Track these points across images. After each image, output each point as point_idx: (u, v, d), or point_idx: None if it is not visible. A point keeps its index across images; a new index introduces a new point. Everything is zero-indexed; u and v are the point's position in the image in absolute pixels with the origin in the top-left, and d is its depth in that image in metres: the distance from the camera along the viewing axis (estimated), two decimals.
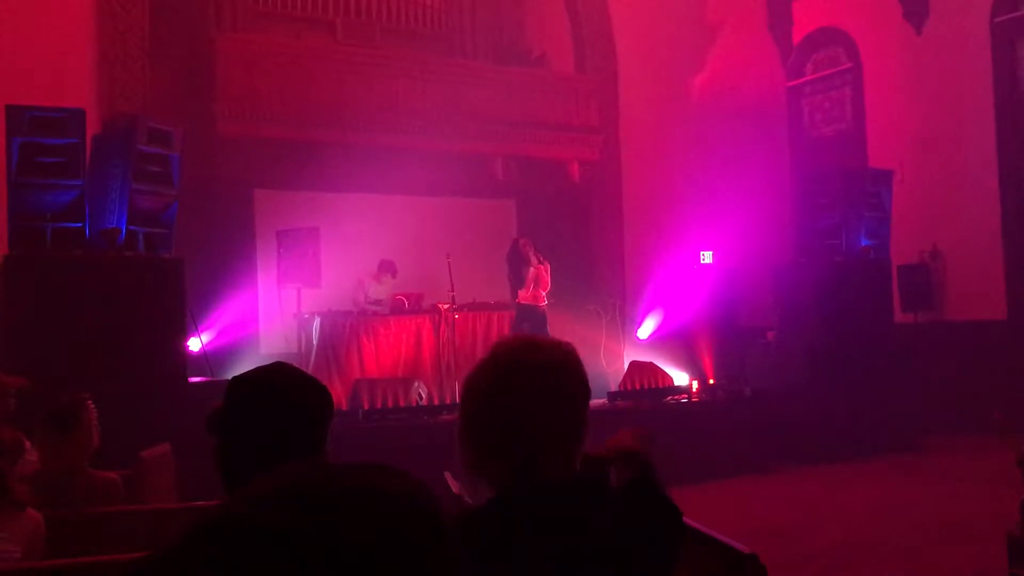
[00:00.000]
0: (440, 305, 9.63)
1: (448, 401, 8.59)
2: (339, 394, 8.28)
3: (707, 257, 10.77)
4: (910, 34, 11.10)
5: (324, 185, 10.46)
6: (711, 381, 9.66)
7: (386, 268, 9.94)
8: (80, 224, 6.47)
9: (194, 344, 7.59)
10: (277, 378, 1.74)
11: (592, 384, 1.60)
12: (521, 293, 9.60)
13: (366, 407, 7.75)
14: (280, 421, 1.68)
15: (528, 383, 1.52)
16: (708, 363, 10.05)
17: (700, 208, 11.14)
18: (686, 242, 10.79)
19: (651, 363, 9.23)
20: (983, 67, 10.44)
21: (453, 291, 9.37)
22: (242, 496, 0.68)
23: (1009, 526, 3.51)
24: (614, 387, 8.92)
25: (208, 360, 7.56)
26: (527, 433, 1.50)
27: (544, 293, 9.54)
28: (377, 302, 9.82)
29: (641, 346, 10.59)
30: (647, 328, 10.85)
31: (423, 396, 8.28)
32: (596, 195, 11.82)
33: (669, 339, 10.46)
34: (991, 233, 10.32)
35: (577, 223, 11.72)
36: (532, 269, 9.50)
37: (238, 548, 0.61)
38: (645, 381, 8.92)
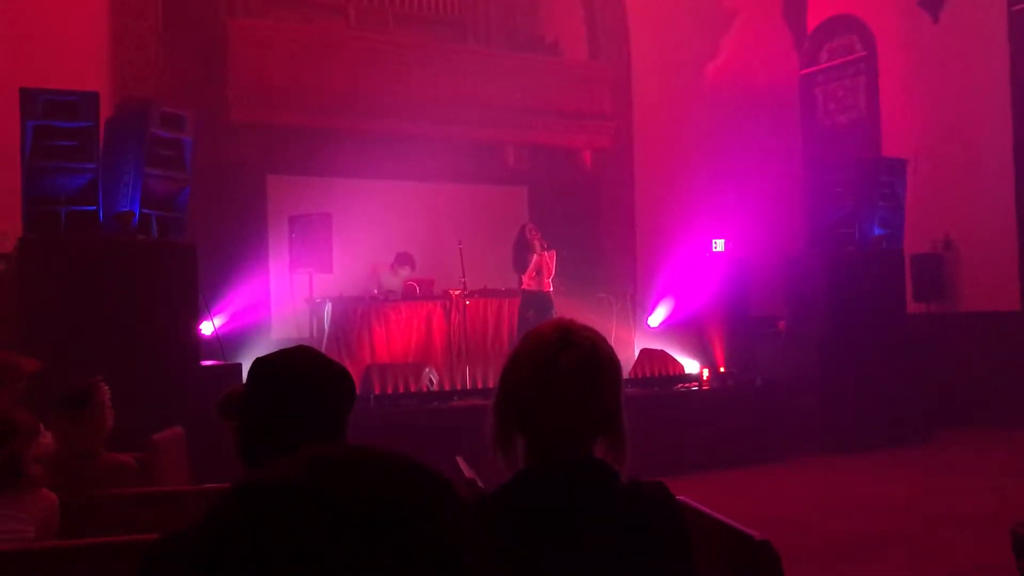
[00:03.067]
0: (451, 291, 9.42)
1: (459, 387, 8.57)
2: None
3: (719, 245, 10.38)
4: (926, 22, 10.89)
5: (336, 171, 10.16)
6: (722, 370, 9.40)
7: (404, 261, 9.69)
8: (94, 208, 6.44)
9: (206, 328, 7.49)
10: (301, 361, 1.72)
11: None
12: (524, 278, 9.22)
13: (377, 392, 7.66)
14: (304, 405, 1.66)
15: (576, 364, 1.51)
16: (719, 352, 9.83)
17: (712, 196, 10.87)
18: (698, 230, 10.47)
19: (662, 351, 9.11)
20: (1000, 56, 10.25)
21: (464, 277, 9.20)
22: (272, 465, 0.69)
23: (1015, 520, 3.42)
24: (624, 374, 7.46)
25: (220, 344, 7.44)
26: (566, 413, 1.50)
27: (549, 279, 9.20)
28: (390, 292, 9.57)
29: (652, 334, 10.30)
30: (658, 316, 10.58)
31: (434, 382, 8.27)
32: (608, 182, 11.52)
33: (680, 327, 10.20)
34: (1006, 223, 10.17)
35: (589, 210, 11.39)
36: (535, 256, 9.11)
37: (268, 507, 0.63)
38: (655, 369, 8.80)
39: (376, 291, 9.55)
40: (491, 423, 1.55)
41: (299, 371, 1.70)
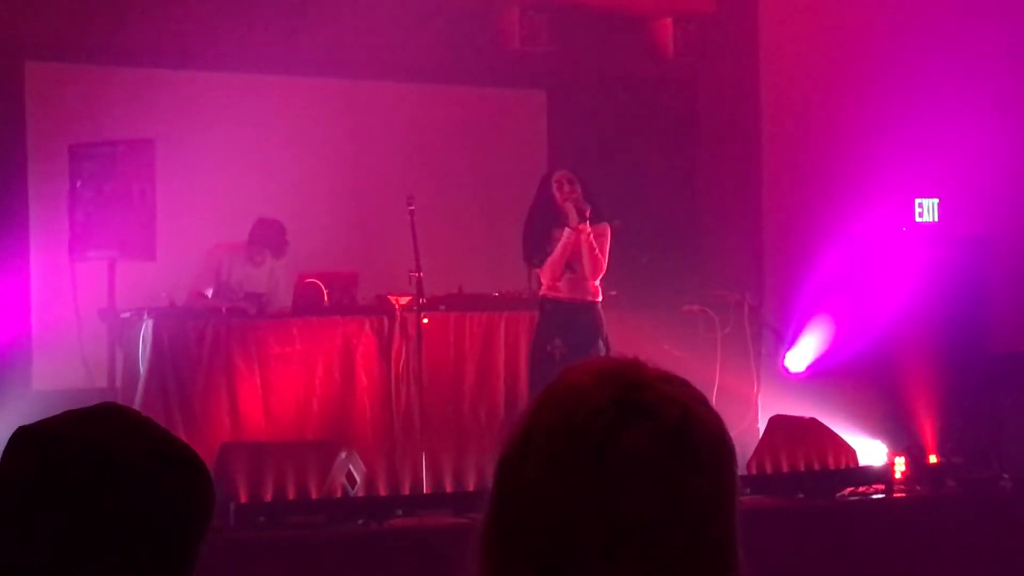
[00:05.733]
0: (393, 298, 8.21)
1: (407, 489, 7.79)
2: None
3: (928, 212, 9.24)
4: None
5: (163, 56, 8.88)
6: (933, 459, 8.47)
7: (261, 237, 8.41)
8: None
9: None
10: (107, 439, 1.51)
11: None
12: (544, 275, 7.92)
13: (243, 498, 7.05)
14: (115, 530, 1.47)
15: (650, 454, 1.30)
16: (927, 424, 8.79)
17: (914, 122, 9.45)
18: (887, 184, 9.16)
19: (812, 420, 8.25)
20: None
21: (419, 271, 7.78)
22: None
23: None
24: (740, 464, 8.02)
25: None
26: (629, 556, 1.31)
27: (597, 279, 7.97)
28: (249, 296, 8.31)
29: (793, 386, 9.18)
30: (804, 353, 9.41)
31: (357, 478, 7.58)
32: (710, 85, 10.14)
33: (847, 375, 9.03)
34: None
35: (670, 142, 10.06)
36: (568, 231, 7.73)
37: None
38: (799, 455, 8.19)
39: (209, 293, 8.32)
40: (478, 566, 1.37)
41: (104, 459, 1.49)
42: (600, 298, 8.04)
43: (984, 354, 9.18)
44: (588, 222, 7.79)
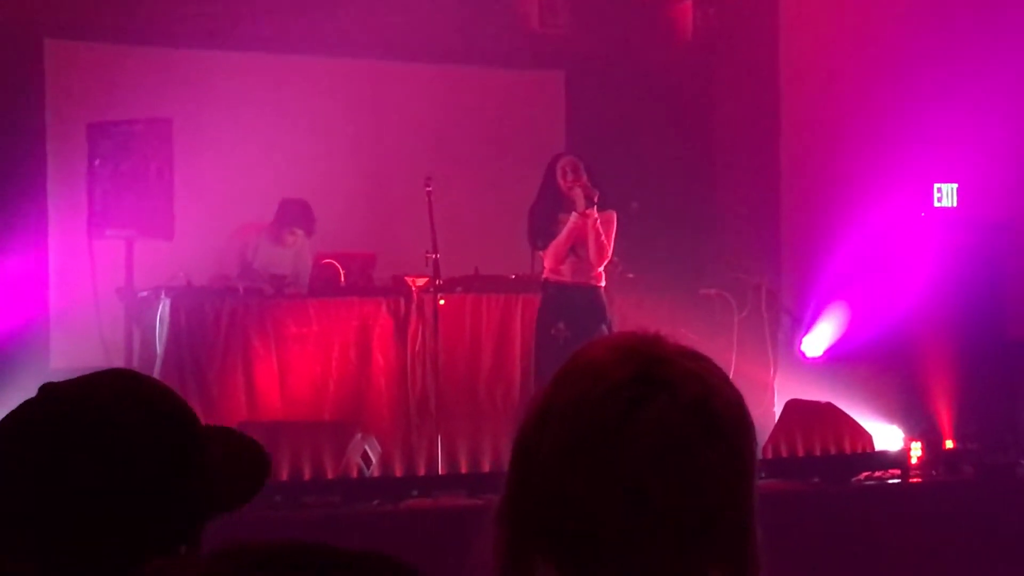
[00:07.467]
0: (410, 280, 8.29)
1: (423, 470, 7.88)
2: None
3: (947, 197, 9.18)
4: None
5: (182, 35, 8.85)
6: (949, 444, 8.49)
7: (291, 218, 8.50)
8: None
9: None
10: (125, 401, 1.57)
11: None
12: (548, 258, 8.09)
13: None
14: (133, 487, 1.51)
15: (670, 430, 1.29)
16: (944, 409, 8.86)
17: (934, 106, 9.45)
18: (905, 169, 9.12)
19: (828, 405, 8.22)
20: None
21: (436, 252, 7.82)
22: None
23: None
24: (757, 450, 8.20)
25: None
26: (647, 532, 1.29)
27: (601, 264, 8.17)
28: (274, 279, 8.40)
29: (810, 371, 9.20)
30: (821, 337, 9.41)
31: (372, 459, 7.63)
32: (729, 71, 10.13)
33: (864, 360, 9.07)
34: None
35: (688, 125, 10.06)
36: (575, 215, 7.87)
37: None
38: (815, 439, 8.18)
39: (242, 271, 8.52)
40: (494, 543, 1.36)
41: (117, 420, 1.54)
42: (603, 283, 8.24)
43: (1002, 339, 9.25)
44: (595, 208, 8.02)
